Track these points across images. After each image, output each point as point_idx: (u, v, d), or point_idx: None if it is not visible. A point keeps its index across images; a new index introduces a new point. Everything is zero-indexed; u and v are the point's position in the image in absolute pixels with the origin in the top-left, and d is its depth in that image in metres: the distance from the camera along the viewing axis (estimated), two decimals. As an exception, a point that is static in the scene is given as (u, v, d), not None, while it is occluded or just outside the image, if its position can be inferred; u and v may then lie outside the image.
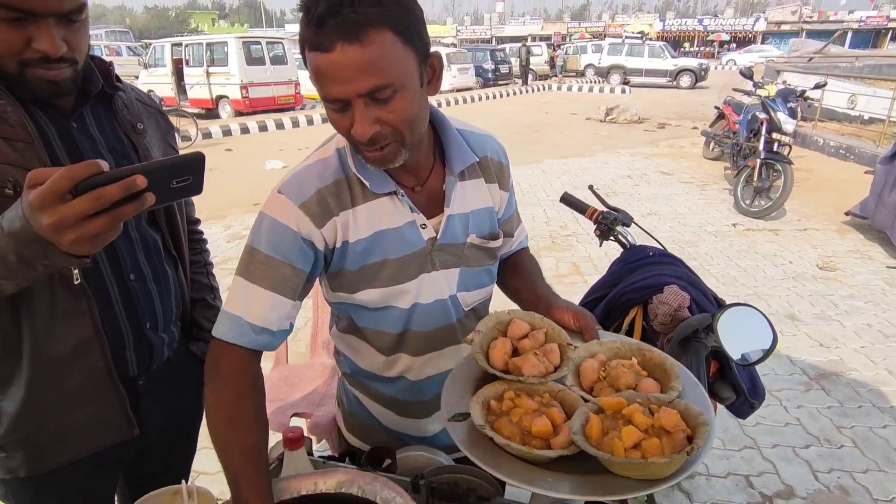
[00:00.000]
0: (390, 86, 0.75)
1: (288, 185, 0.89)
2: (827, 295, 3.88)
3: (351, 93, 0.75)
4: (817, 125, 8.98)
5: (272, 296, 0.87)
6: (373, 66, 0.73)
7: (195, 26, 57.39)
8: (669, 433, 0.68)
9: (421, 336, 1.00)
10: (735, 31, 41.41)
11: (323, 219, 0.88)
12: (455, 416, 0.76)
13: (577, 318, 0.93)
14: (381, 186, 0.90)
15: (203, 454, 2.35)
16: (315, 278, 0.94)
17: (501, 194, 1.06)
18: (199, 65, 12.86)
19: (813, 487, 2.19)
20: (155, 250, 1.06)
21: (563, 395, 0.79)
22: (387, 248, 0.92)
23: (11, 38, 0.80)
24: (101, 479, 1.09)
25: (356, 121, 0.77)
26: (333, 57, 0.72)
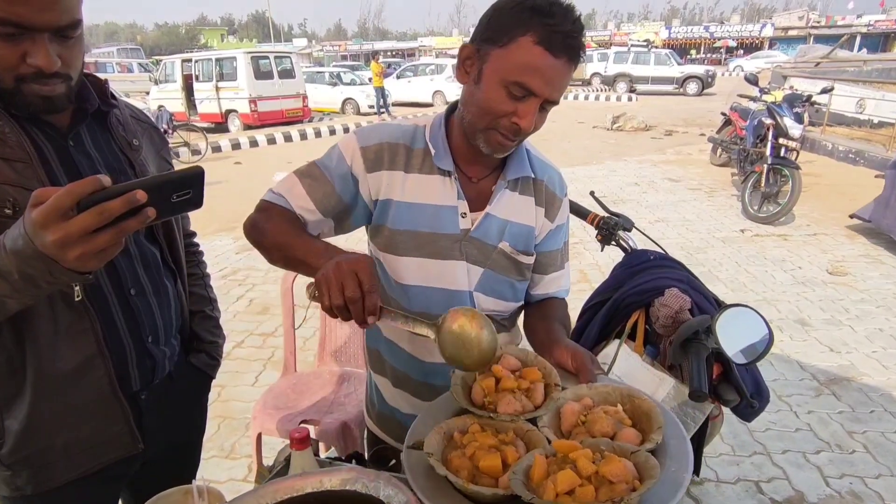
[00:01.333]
0: (556, 103, 0.93)
1: (362, 130, 1.05)
2: (837, 300, 3.85)
3: (546, 94, 0.88)
4: (825, 130, 8.92)
5: (307, 199, 1.01)
6: (564, 85, 0.90)
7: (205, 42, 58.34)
8: (612, 483, 0.64)
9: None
10: (742, 38, 41.35)
11: (374, 166, 1.00)
12: (414, 445, 0.77)
13: (575, 358, 0.92)
14: (443, 161, 1.00)
15: (213, 463, 2.38)
16: (354, 216, 1.05)
17: (546, 222, 1.10)
18: (209, 80, 13.08)
19: (824, 493, 2.17)
20: (154, 264, 1.07)
21: (529, 436, 0.78)
22: (421, 220, 1.00)
23: (7, 54, 0.80)
24: (104, 493, 1.09)
25: (528, 114, 0.89)
26: (557, 64, 0.86)
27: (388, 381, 1.16)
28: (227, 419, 2.66)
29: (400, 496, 0.75)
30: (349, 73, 17.70)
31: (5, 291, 0.71)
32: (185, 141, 9.83)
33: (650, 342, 1.42)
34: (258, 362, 3.15)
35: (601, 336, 1.48)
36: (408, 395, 1.14)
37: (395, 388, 1.15)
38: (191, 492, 0.90)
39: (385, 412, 1.19)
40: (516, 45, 0.85)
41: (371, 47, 47.20)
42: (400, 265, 1.03)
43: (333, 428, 1.83)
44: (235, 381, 2.96)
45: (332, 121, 13.97)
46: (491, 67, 0.89)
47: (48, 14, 0.80)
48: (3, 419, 0.95)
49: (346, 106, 16.11)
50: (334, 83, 16.64)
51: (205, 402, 1.30)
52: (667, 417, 0.79)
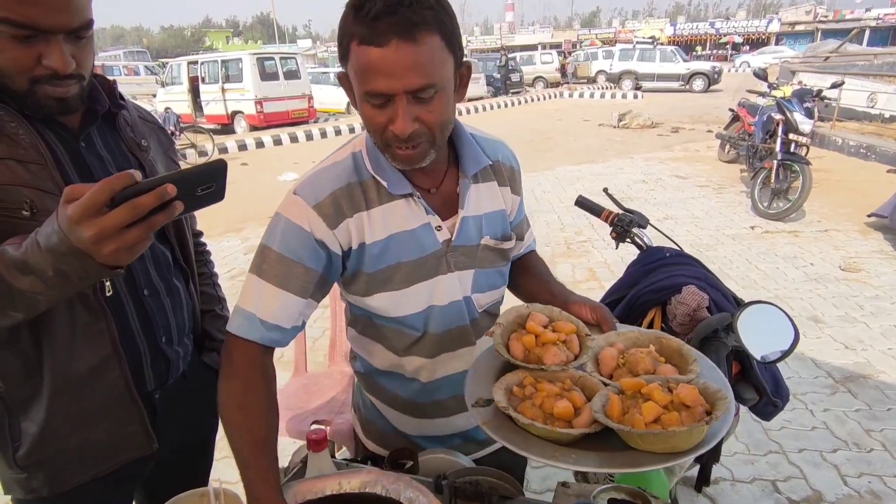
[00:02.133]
0: (434, 86, 0.79)
1: (303, 187, 0.91)
2: (851, 296, 3.80)
3: (399, 88, 0.77)
4: (836, 125, 8.84)
5: (284, 294, 0.89)
6: (422, 66, 0.77)
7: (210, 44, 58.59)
8: (689, 408, 0.70)
9: (435, 337, 1.01)
10: (748, 34, 41.05)
11: (336, 220, 0.90)
12: (478, 402, 0.79)
13: (595, 311, 0.94)
14: (399, 188, 0.92)
15: (224, 463, 2.38)
16: (331, 279, 0.96)
17: (513, 198, 1.08)
18: (215, 81, 13.14)
19: (842, 492, 2.13)
20: (166, 265, 1.07)
21: (583, 381, 0.82)
22: (401, 251, 0.94)
23: (22, 56, 0.80)
24: (118, 494, 1.09)
25: (399, 117, 0.80)
26: (387, 53, 0.75)
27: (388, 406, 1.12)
28: (238, 420, 2.65)
29: (421, 499, 0.74)
30: (354, 74, 17.69)
31: (39, 289, 0.71)
32: (192, 143, 9.87)
33: (667, 340, 1.41)
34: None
35: (617, 334, 1.46)
36: (409, 417, 1.10)
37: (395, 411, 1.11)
38: (207, 494, 0.89)
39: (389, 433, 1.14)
40: (352, 56, 0.79)
41: (375, 47, 47.08)
42: (387, 301, 0.97)
43: (345, 428, 1.82)
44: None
45: (337, 121, 13.99)
46: (353, 86, 0.83)
47: (62, 16, 0.80)
48: (20, 421, 0.95)
49: (351, 106, 16.10)
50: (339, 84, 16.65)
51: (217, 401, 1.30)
52: (696, 352, 0.85)
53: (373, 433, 1.17)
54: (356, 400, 1.22)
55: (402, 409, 1.10)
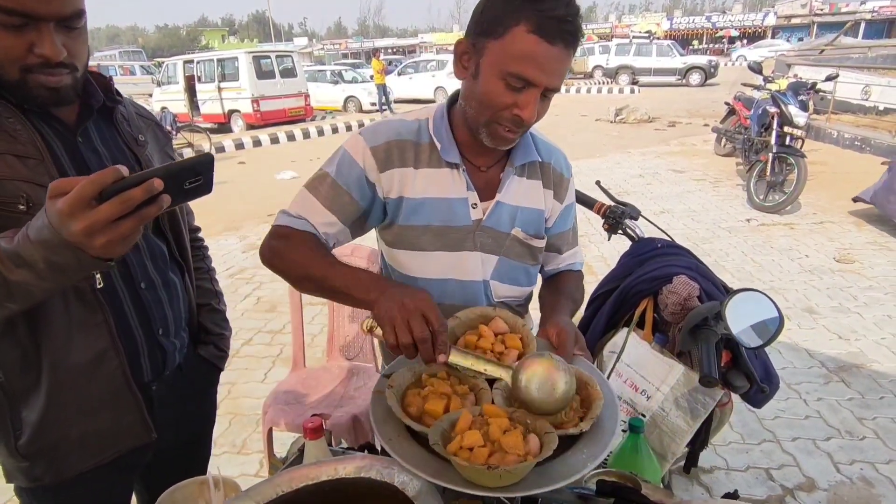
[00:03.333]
0: (558, 90, 0.90)
1: (367, 130, 1.02)
2: (845, 287, 3.83)
3: (544, 83, 0.87)
4: (831, 118, 8.86)
5: (329, 214, 0.99)
6: (564, 72, 0.88)
7: (206, 43, 58.40)
8: (505, 452, 0.71)
9: (452, 310, 1.03)
10: (744, 27, 41.00)
11: (385, 165, 0.99)
12: (387, 374, 0.85)
13: (559, 334, 0.92)
14: (450, 154, 0.99)
15: (225, 458, 2.40)
16: (370, 219, 1.03)
17: (555, 204, 1.11)
18: (211, 80, 13.10)
19: (835, 479, 2.16)
20: (162, 258, 1.09)
21: (481, 394, 0.84)
22: (433, 214, 1.00)
23: (13, 45, 0.81)
24: (117, 484, 1.11)
25: (529, 105, 0.88)
26: (552, 52, 0.84)
27: None
28: (238, 416, 2.68)
29: (414, 482, 0.76)
30: (350, 71, 17.69)
31: (32, 281, 0.73)
32: (189, 142, 9.86)
33: (659, 330, 1.43)
34: (267, 359, 3.17)
35: (609, 325, 1.48)
36: None
37: None
38: (206, 483, 0.91)
39: None
40: (511, 36, 0.84)
41: (372, 45, 47.11)
42: (411, 260, 1.03)
43: (344, 421, 1.84)
44: (245, 378, 2.98)
45: (334, 119, 13.97)
46: (487, 61, 0.88)
47: (53, 3, 0.81)
48: (21, 411, 0.97)
49: (349, 104, 16.12)
50: (336, 81, 16.64)
51: (214, 393, 1.32)
52: (608, 412, 0.81)
53: None
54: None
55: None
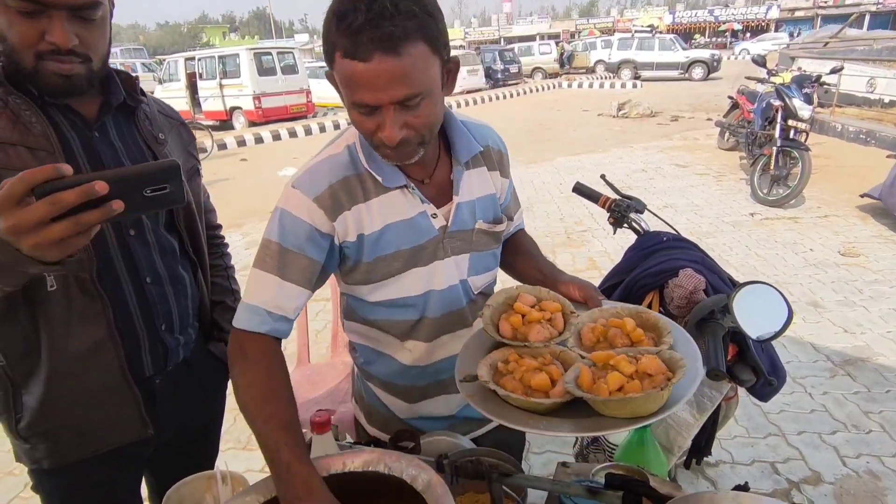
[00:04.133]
0: (420, 94, 0.79)
1: (301, 181, 0.92)
2: (850, 281, 3.82)
3: (384, 101, 0.78)
4: (835, 111, 8.81)
5: (288, 285, 0.90)
6: (407, 77, 0.76)
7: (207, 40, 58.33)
8: (651, 376, 0.75)
9: (433, 321, 1.03)
10: (747, 20, 40.76)
11: (335, 212, 0.92)
12: (465, 378, 0.84)
13: (581, 289, 0.98)
14: (393, 181, 0.93)
15: (230, 454, 2.41)
16: (330, 270, 0.98)
17: (503, 181, 1.10)
18: (213, 77, 13.10)
19: (841, 473, 2.16)
20: (172, 254, 1.09)
21: (563, 356, 0.86)
22: (399, 239, 0.96)
23: (27, 31, 0.84)
24: (122, 474, 1.12)
25: (386, 126, 0.80)
26: (370, 67, 0.74)
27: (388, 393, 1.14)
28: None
29: (423, 476, 0.76)
30: (352, 68, 17.63)
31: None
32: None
33: (665, 324, 1.42)
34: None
35: (615, 319, 1.48)
36: (407, 404, 1.12)
37: (395, 398, 1.13)
38: (214, 477, 0.92)
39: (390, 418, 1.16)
40: (336, 66, 0.78)
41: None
42: (385, 289, 0.99)
43: (348, 417, 1.84)
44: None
45: (335, 115, 13.95)
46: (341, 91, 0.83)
47: None
48: (22, 395, 0.99)
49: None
50: (337, 78, 16.59)
51: (223, 390, 1.32)
52: (672, 324, 0.89)
53: (375, 420, 1.19)
54: (357, 389, 1.24)
55: (401, 396, 1.12)
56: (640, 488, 0.80)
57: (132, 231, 1.02)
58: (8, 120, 0.89)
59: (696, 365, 0.77)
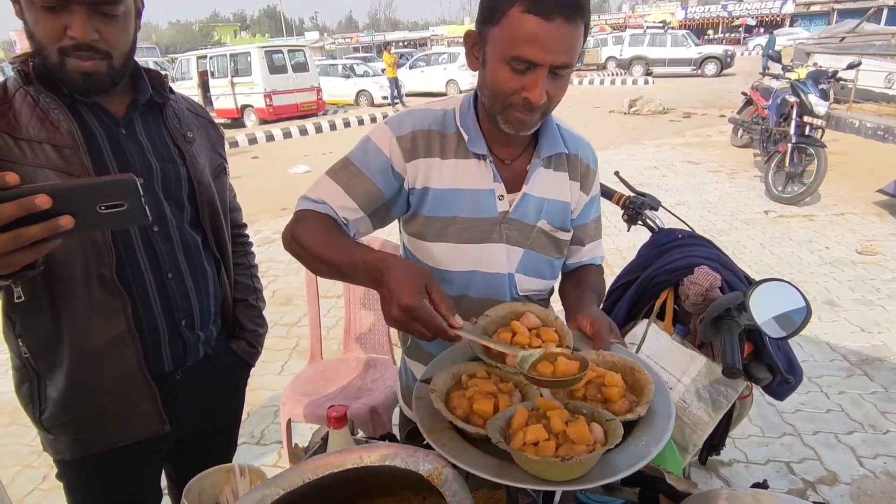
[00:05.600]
0: (570, 66, 0.86)
1: (393, 119, 1.01)
2: (868, 279, 3.76)
3: (548, 62, 0.83)
4: (852, 106, 8.67)
5: (349, 199, 0.97)
6: (571, 47, 0.84)
7: (218, 39, 58.75)
8: (573, 443, 0.68)
9: (474, 302, 1.04)
10: (761, 15, 40.20)
11: (411, 155, 0.98)
12: (425, 379, 0.83)
13: (593, 324, 0.92)
14: (477, 146, 0.98)
15: (244, 449, 2.43)
16: (394, 210, 1.02)
17: (581, 196, 1.10)
18: (224, 76, 13.19)
19: (858, 473, 2.13)
20: (195, 250, 1.11)
21: (526, 389, 0.82)
22: (460, 205, 0.99)
23: (50, 26, 0.88)
24: (142, 467, 1.15)
25: (537, 86, 0.85)
26: (551, 28, 0.81)
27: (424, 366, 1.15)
28: (256, 407, 2.71)
29: (440, 471, 0.76)
30: (362, 65, 17.68)
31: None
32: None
33: (679, 321, 1.41)
34: (284, 352, 3.20)
35: (629, 316, 1.47)
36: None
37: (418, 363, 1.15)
38: (233, 470, 0.93)
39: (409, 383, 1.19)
40: (507, 20, 0.83)
41: (383, 38, 47.02)
42: (437, 251, 1.02)
43: (363, 413, 1.85)
44: (262, 370, 3.01)
45: (346, 113, 13.99)
46: (491, 48, 0.87)
47: None
48: (46, 385, 1.01)
49: (360, 97, 16.12)
50: (347, 75, 16.65)
51: (243, 388, 1.33)
52: (659, 394, 0.80)
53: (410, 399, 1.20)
54: (400, 368, 1.27)
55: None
56: (657, 485, 0.80)
57: (156, 227, 1.04)
58: (37, 119, 0.91)
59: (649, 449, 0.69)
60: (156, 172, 1.04)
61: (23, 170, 0.89)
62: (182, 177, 1.08)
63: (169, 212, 1.06)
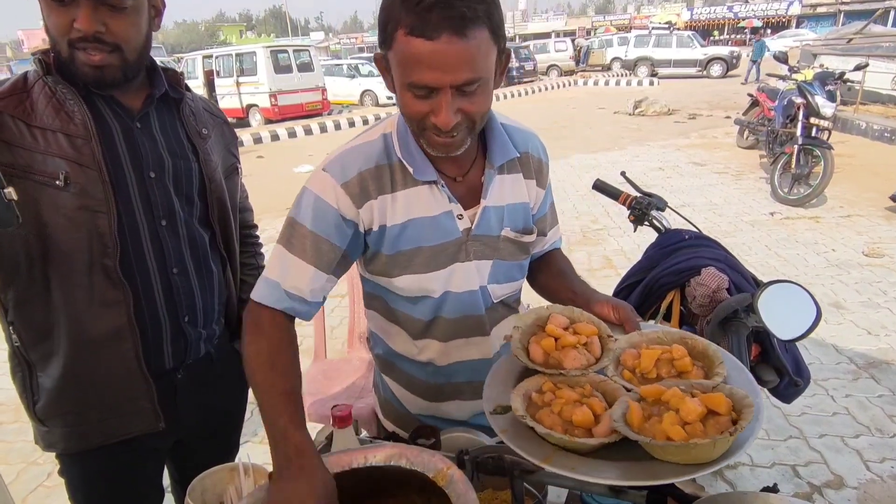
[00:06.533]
0: (479, 80, 0.78)
1: (332, 165, 0.92)
2: (874, 282, 3.73)
3: (445, 82, 0.77)
4: (859, 108, 8.62)
5: (309, 268, 0.91)
6: (471, 60, 0.76)
7: (224, 38, 58.95)
8: (717, 415, 0.66)
9: (449, 322, 1.02)
10: (767, 17, 40.02)
11: (361, 200, 0.91)
12: (496, 409, 0.78)
13: (617, 310, 0.91)
14: (424, 174, 0.92)
15: (246, 447, 2.43)
16: (352, 257, 0.97)
17: (538, 191, 1.06)
18: (230, 75, 13.23)
19: (865, 477, 2.12)
20: (202, 247, 1.11)
21: (604, 386, 0.79)
22: (421, 235, 0.95)
23: (59, 19, 0.89)
24: (142, 464, 1.14)
25: (442, 110, 0.79)
26: (437, 46, 0.74)
27: (402, 387, 1.13)
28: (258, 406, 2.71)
29: (446, 471, 0.76)
30: (367, 65, 17.69)
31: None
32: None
33: (686, 322, 1.40)
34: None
35: (635, 317, 1.46)
36: (420, 400, 1.12)
37: (409, 393, 1.13)
38: (236, 469, 0.92)
39: (404, 413, 1.16)
40: (397, 44, 0.77)
41: (387, 39, 46.85)
42: (404, 283, 0.98)
43: (366, 413, 1.84)
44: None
45: (350, 113, 14.01)
46: (393, 73, 0.82)
47: None
48: (38, 376, 1.01)
49: (365, 97, 16.15)
50: (352, 75, 16.67)
51: (245, 388, 1.33)
52: (722, 352, 0.80)
53: (391, 414, 1.19)
54: (375, 380, 1.24)
55: (417, 392, 1.11)
56: (665, 487, 0.79)
57: (164, 221, 1.04)
58: (53, 108, 0.93)
59: (758, 401, 0.69)
60: (167, 167, 1.04)
61: (34, 156, 0.91)
62: (194, 173, 1.09)
63: (178, 207, 1.06)
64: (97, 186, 0.94)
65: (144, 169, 1.01)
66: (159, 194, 1.03)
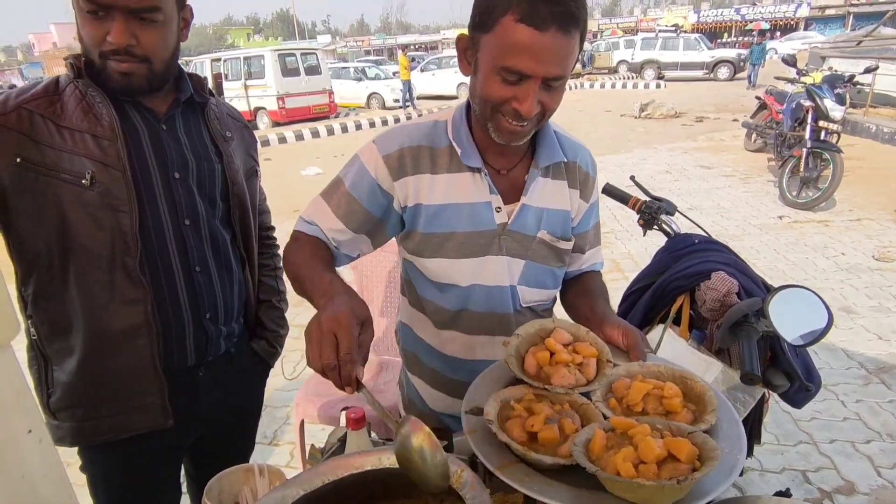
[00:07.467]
0: (563, 77, 0.84)
1: (381, 138, 1.00)
2: (885, 286, 3.71)
3: (539, 73, 0.81)
4: (869, 111, 8.56)
5: (337, 221, 0.99)
6: (565, 58, 0.81)
7: (232, 42, 59.41)
8: (676, 461, 0.64)
9: (475, 316, 1.03)
10: (775, 19, 39.83)
11: (399, 174, 0.97)
12: (472, 409, 0.79)
13: (626, 335, 0.91)
14: (471, 160, 0.96)
15: (257, 449, 2.44)
16: (389, 227, 1.02)
17: (581, 203, 1.08)
18: (237, 78, 13.33)
19: (876, 483, 2.10)
20: (223, 247, 1.14)
21: (585, 409, 0.79)
22: (457, 220, 0.98)
23: (94, 31, 0.93)
24: (158, 460, 1.16)
25: (528, 98, 0.83)
26: (544, 38, 0.78)
27: (426, 382, 1.15)
28: (268, 408, 2.73)
29: (460, 473, 0.77)
30: (373, 68, 17.77)
31: None
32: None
33: (695, 327, 1.40)
34: (296, 352, 3.20)
35: (644, 321, 1.46)
36: (443, 395, 1.13)
37: (433, 389, 1.14)
38: (252, 470, 0.94)
39: (426, 412, 1.17)
40: (500, 28, 0.80)
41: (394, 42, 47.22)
42: (436, 266, 1.01)
43: (375, 415, 1.86)
44: (274, 371, 3.01)
45: (357, 116, 14.06)
46: (483, 55, 0.85)
47: None
48: (53, 370, 1.03)
49: (372, 100, 16.20)
50: (359, 78, 16.74)
51: (262, 388, 1.35)
52: (719, 400, 0.78)
53: (413, 413, 1.20)
54: (400, 378, 1.26)
55: (441, 388, 1.13)
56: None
57: (188, 221, 1.07)
58: (82, 110, 0.96)
59: (736, 457, 0.67)
60: (191, 168, 1.07)
61: (62, 155, 0.94)
62: (217, 174, 1.12)
63: (202, 207, 1.09)
64: (121, 186, 0.97)
65: (170, 170, 1.04)
66: (184, 195, 1.06)
